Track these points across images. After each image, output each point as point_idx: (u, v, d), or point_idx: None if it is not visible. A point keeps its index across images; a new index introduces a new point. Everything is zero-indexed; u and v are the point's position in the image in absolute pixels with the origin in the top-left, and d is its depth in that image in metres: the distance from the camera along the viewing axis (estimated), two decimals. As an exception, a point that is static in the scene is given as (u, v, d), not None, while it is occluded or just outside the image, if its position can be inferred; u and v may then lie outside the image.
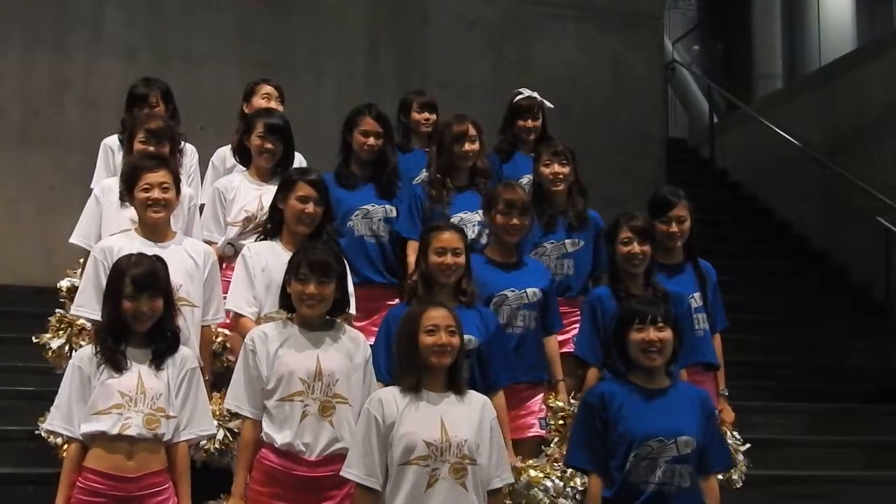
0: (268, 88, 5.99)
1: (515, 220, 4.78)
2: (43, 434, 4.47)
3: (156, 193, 4.43)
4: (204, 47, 8.74)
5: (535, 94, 5.88)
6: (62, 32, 8.46)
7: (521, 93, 5.89)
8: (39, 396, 4.77)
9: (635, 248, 4.67)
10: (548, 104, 5.94)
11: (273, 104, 5.86)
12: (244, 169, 5.39)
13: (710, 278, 5.10)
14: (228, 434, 4.40)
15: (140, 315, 3.87)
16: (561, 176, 5.27)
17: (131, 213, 4.68)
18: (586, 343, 4.75)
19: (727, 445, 4.40)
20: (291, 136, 5.32)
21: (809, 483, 6.59)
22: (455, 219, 5.09)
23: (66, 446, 4.04)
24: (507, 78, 8.87)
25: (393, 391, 3.80)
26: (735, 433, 5.02)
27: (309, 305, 4.01)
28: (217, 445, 4.39)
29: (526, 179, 5.48)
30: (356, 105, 5.48)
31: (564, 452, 4.41)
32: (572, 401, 4.73)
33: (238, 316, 4.56)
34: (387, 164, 5.38)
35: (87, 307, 4.41)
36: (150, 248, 4.27)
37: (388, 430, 3.69)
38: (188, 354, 4.03)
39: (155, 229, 4.50)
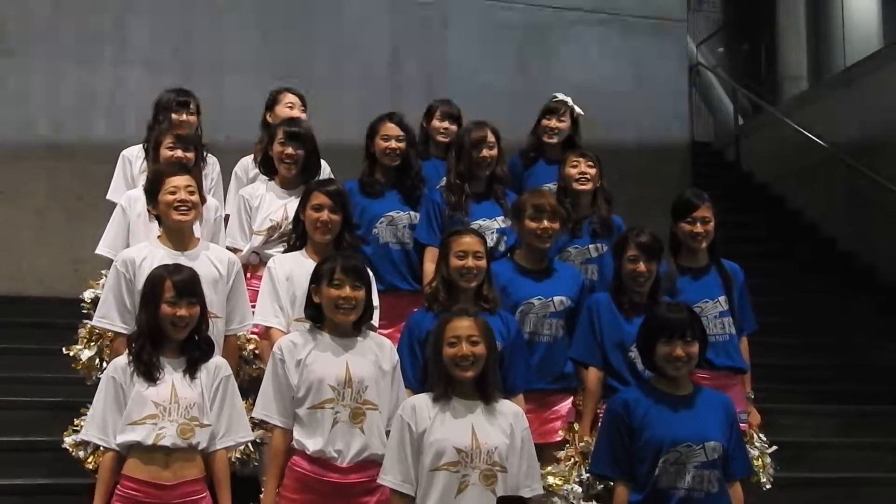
0: (291, 97, 5.96)
1: (546, 224, 4.75)
2: (67, 447, 4.48)
3: (182, 195, 4.44)
4: (227, 58, 8.76)
5: (568, 99, 5.89)
6: (88, 45, 8.51)
7: (556, 96, 5.93)
8: (68, 407, 4.79)
9: (641, 266, 4.60)
10: (578, 110, 5.92)
11: (296, 112, 5.85)
12: (269, 178, 5.38)
13: (736, 280, 5.02)
14: (250, 444, 4.40)
15: (179, 321, 3.89)
16: (588, 175, 5.27)
17: (158, 223, 4.69)
18: (583, 345, 4.70)
19: (747, 451, 4.38)
20: (315, 144, 5.30)
21: (840, 486, 6.55)
22: (473, 226, 5.04)
23: (91, 458, 4.07)
24: (530, 83, 8.88)
25: (425, 398, 3.82)
26: (762, 436, 4.99)
27: (344, 311, 4.00)
28: (238, 455, 4.40)
29: (546, 189, 5.46)
30: (378, 113, 5.48)
31: (572, 454, 4.46)
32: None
33: (267, 328, 4.57)
34: (410, 169, 5.38)
35: (107, 318, 4.43)
36: (174, 258, 4.28)
37: (419, 436, 3.72)
38: (222, 363, 4.05)
39: (180, 236, 4.50)
